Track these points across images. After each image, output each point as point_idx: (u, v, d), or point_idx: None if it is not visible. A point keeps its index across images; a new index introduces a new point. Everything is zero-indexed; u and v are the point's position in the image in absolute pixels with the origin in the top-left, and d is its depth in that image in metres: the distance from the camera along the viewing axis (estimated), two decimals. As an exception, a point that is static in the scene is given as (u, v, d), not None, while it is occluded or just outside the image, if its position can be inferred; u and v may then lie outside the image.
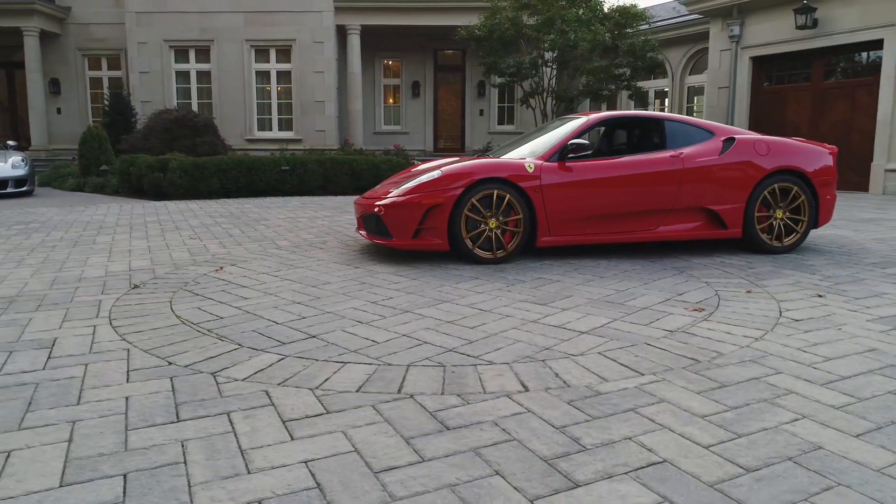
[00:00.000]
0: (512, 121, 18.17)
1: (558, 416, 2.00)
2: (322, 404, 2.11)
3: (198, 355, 2.60)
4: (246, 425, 1.95)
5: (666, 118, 5.04)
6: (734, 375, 2.33)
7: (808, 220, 4.89)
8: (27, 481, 1.63)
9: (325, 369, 2.44)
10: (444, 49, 18.00)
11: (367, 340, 2.79)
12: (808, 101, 11.69)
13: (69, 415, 2.03)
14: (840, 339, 2.77)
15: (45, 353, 2.62)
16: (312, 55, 15.88)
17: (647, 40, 12.05)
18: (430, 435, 1.88)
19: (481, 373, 2.39)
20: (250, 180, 10.47)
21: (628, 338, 2.80)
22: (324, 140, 16.10)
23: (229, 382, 2.31)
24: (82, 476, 1.65)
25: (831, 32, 10.92)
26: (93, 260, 4.76)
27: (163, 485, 1.61)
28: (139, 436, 1.88)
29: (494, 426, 1.94)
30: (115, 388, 2.25)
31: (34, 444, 1.83)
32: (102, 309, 3.33)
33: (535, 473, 1.65)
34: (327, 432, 1.90)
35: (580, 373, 2.38)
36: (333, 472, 1.67)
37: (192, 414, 2.03)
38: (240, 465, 1.70)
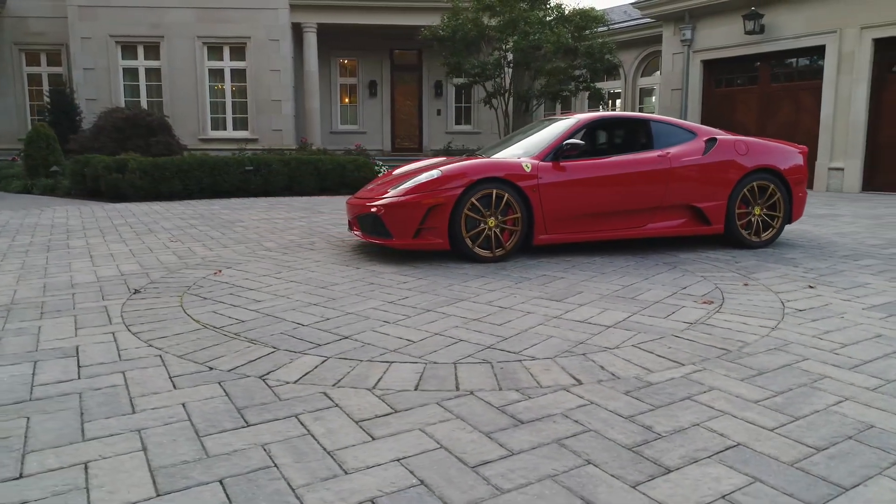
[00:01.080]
0: (469, 121, 18.32)
1: (622, 407, 2.08)
2: (386, 404, 2.12)
3: (236, 359, 2.55)
4: (319, 427, 1.95)
5: (651, 119, 5.23)
6: (767, 363, 2.47)
7: (782, 216, 5.18)
8: (120, 492, 1.58)
9: (373, 370, 2.44)
10: (401, 49, 17.98)
11: (402, 340, 2.80)
12: (755, 103, 12.28)
13: (130, 423, 1.97)
14: (846, 326, 2.96)
15: (73, 362, 2.52)
16: (268, 53, 15.57)
17: (605, 43, 12.38)
18: (508, 429, 1.92)
19: (529, 368, 2.45)
20: (213, 181, 10.20)
21: (653, 330, 2.92)
22: (281, 140, 15.82)
23: (282, 385, 2.29)
24: (177, 484, 1.62)
25: (777, 38, 11.51)
26: (77, 265, 4.57)
27: (264, 489, 1.60)
28: (215, 442, 1.85)
29: (566, 418, 2.00)
30: (165, 396, 2.19)
31: (108, 454, 1.78)
32: (111, 315, 3.22)
33: (625, 461, 1.72)
34: (405, 431, 1.92)
35: (623, 365, 2.47)
36: (430, 468, 1.69)
37: (259, 418, 2.01)
38: (333, 467, 1.70)
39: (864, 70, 10.51)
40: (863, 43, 10.47)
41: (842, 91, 10.81)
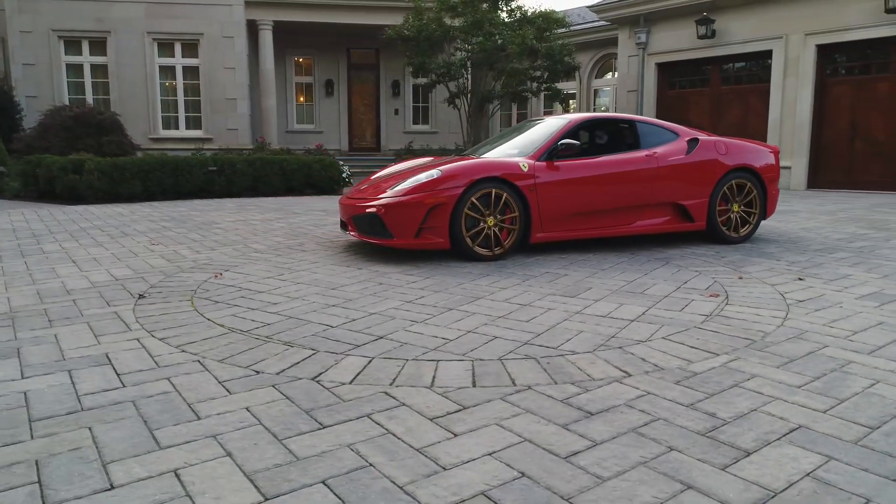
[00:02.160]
0: (427, 121, 18.36)
1: (679, 396, 2.17)
2: (451, 401, 2.15)
3: (280, 362, 2.53)
4: (397, 426, 1.96)
5: (637, 120, 5.41)
6: (793, 351, 2.63)
7: (759, 212, 5.45)
8: (225, 497, 1.56)
9: (422, 368, 2.47)
10: (358, 48, 17.85)
11: (437, 339, 2.83)
12: (707, 105, 12.80)
13: (202, 430, 1.93)
14: (848, 315, 3.17)
15: (109, 370, 2.44)
16: (222, 50, 15.18)
17: (565, 45, 12.65)
18: (581, 421, 1.99)
19: (574, 362, 2.52)
20: (175, 182, 9.90)
21: (675, 323, 3.04)
22: (237, 139, 15.45)
23: (339, 387, 2.28)
24: (281, 487, 1.61)
25: (728, 43, 12.04)
26: (63, 270, 4.37)
27: (371, 488, 1.61)
28: (298, 444, 1.84)
29: (631, 408, 2.08)
30: (223, 401, 2.15)
31: (193, 461, 1.75)
32: (126, 320, 3.11)
33: (705, 446, 1.81)
34: (483, 426, 1.96)
35: (662, 357, 2.58)
36: (524, 461, 1.74)
37: (332, 419, 2.01)
38: (429, 463, 1.73)
39: (808, 74, 11.13)
40: (807, 48, 11.08)
41: (788, 94, 11.41)
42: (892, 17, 10.03)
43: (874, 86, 10.67)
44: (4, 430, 1.93)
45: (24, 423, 1.98)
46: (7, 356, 2.60)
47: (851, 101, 10.95)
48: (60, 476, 1.67)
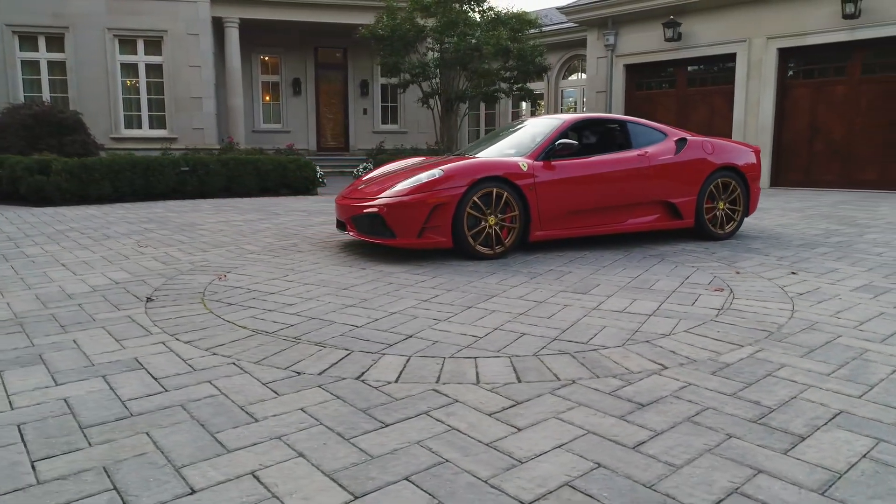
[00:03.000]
0: (396, 120, 18.32)
1: (719, 386, 2.26)
2: (503, 396, 2.19)
3: (318, 363, 2.52)
4: (458, 422, 1.99)
5: (628, 120, 5.54)
6: (811, 341, 2.75)
7: (742, 209, 5.65)
8: (314, 498, 1.56)
9: (463, 366, 2.49)
10: (326, 47, 17.70)
11: (467, 336, 2.86)
12: (673, 106, 13.16)
13: (264, 431, 1.92)
14: (848, 307, 3.33)
15: (145, 375, 2.39)
16: (187, 48, 14.84)
17: (536, 45, 12.81)
18: (635, 412, 2.05)
19: (608, 356, 2.59)
20: (147, 183, 9.64)
21: (691, 317, 3.15)
22: (202, 139, 15.14)
23: (386, 386, 2.29)
24: (366, 486, 1.62)
25: (694, 45, 12.40)
26: (55, 274, 4.23)
27: (456, 483, 1.63)
28: (368, 443, 1.85)
29: (678, 399, 2.15)
30: (275, 403, 2.14)
31: (267, 462, 1.73)
32: (142, 324, 3.04)
33: (760, 432, 1.89)
34: (543, 420, 2.00)
35: (690, 349, 2.67)
36: (596, 452, 1.78)
37: (392, 418, 2.02)
38: (505, 458, 1.76)
39: (770, 77, 11.56)
40: (769, 52, 11.51)
41: (751, 95, 11.82)
42: (848, 23, 10.51)
43: (832, 88, 11.16)
44: (58, 437, 1.88)
45: (75, 431, 1.93)
46: (31, 363, 2.51)
47: (811, 103, 11.42)
48: (135, 482, 1.64)
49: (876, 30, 10.34)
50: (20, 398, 2.16)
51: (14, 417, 2.01)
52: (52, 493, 1.59)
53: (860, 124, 10.92)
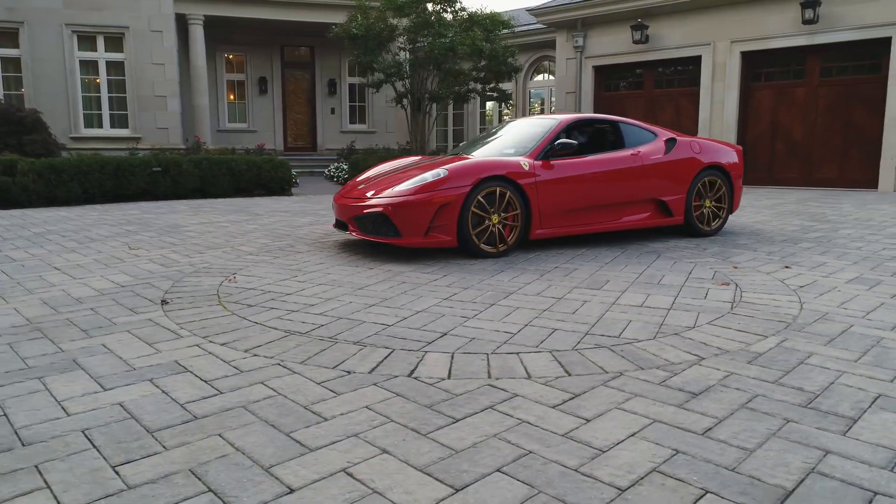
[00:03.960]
0: (364, 120, 18.21)
1: (760, 374, 2.37)
2: (560, 389, 2.24)
3: (364, 362, 2.52)
4: (526, 415, 2.03)
5: (620, 121, 5.68)
6: (828, 330, 2.90)
7: (727, 207, 5.87)
8: (415, 492, 1.59)
9: (508, 361, 2.54)
10: (292, 45, 17.47)
11: (500, 333, 2.91)
12: (641, 106, 13.49)
13: (339, 430, 1.92)
14: (849, 298, 3.51)
15: (193, 378, 2.35)
16: (150, 45, 14.42)
17: (508, 46, 12.95)
18: (691, 400, 2.13)
19: (644, 349, 2.67)
20: (117, 184, 9.36)
21: (708, 310, 3.27)
22: (167, 138, 14.74)
23: (440, 382, 2.32)
24: (463, 478, 1.65)
25: (661, 48, 12.74)
26: (53, 278, 4.09)
27: (546, 473, 1.67)
28: (447, 437, 1.87)
29: (726, 387, 2.25)
30: (337, 402, 2.14)
31: (356, 459, 1.75)
32: (167, 327, 2.98)
33: (814, 416, 2.00)
34: (606, 410, 2.06)
35: (720, 341, 2.78)
36: (669, 439, 1.86)
37: (459, 413, 2.05)
38: (586, 448, 1.81)
39: (734, 78, 11.97)
40: (733, 55, 11.92)
41: (716, 97, 12.22)
42: (808, 28, 10.98)
43: (792, 91, 11.63)
44: (130, 442, 1.85)
45: (144, 435, 1.89)
46: (68, 368, 2.45)
47: (772, 104, 11.88)
48: (228, 483, 1.63)
49: (833, 35, 10.83)
50: (73, 404, 2.11)
51: (75, 423, 1.97)
52: (147, 496, 1.57)
53: (819, 125, 11.42)
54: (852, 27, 10.61)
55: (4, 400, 2.14)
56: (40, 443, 1.84)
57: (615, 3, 12.86)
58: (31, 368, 2.45)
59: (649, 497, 1.55)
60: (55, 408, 2.08)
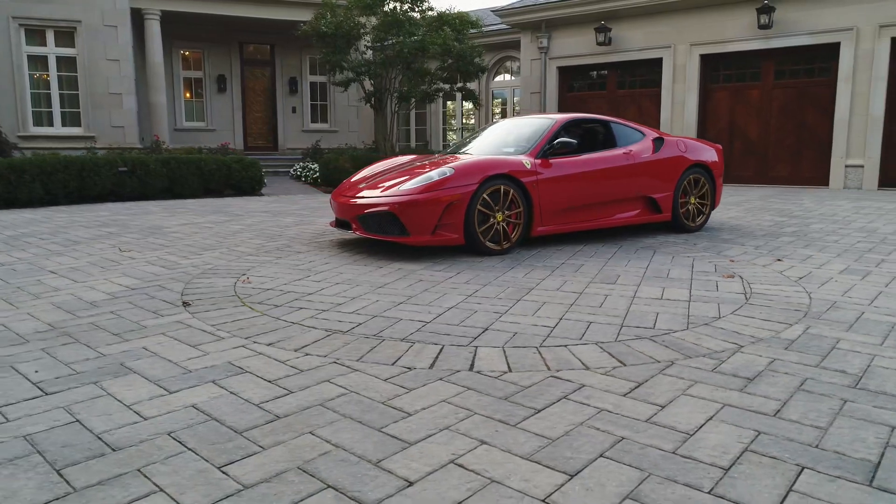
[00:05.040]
0: (326, 119, 18.01)
1: (801, 359, 2.51)
2: (621, 378, 2.32)
3: (419, 358, 2.55)
4: (602, 403, 2.10)
5: (611, 120, 5.84)
6: (844, 317, 3.08)
7: (710, 203, 6.11)
8: (532, 479, 1.63)
9: (561, 353, 2.61)
10: (252, 42, 17.11)
11: (539, 327, 2.98)
12: (604, 107, 13.82)
13: (428, 424, 1.95)
14: (849, 287, 3.74)
15: (256, 379, 2.33)
16: (104, 40, 13.88)
17: (475, 46, 13.06)
18: (749, 385, 2.25)
19: (683, 339, 2.79)
20: (81, 184, 9.00)
21: (727, 301, 3.42)
22: (123, 137, 14.21)
23: (504, 375, 2.37)
24: (572, 465, 1.70)
25: (624, 50, 13.09)
26: (55, 283, 3.93)
27: (647, 457, 1.74)
28: (537, 427, 1.92)
29: (775, 372, 2.37)
30: (412, 397, 2.16)
31: (460, 451, 1.78)
32: (203, 329, 2.92)
33: (865, 395, 2.14)
34: (675, 397, 2.15)
35: (749, 329, 2.92)
36: (745, 420, 1.96)
37: (538, 404, 2.10)
38: (672, 433, 1.89)
39: (694, 80, 12.42)
40: (692, 57, 12.37)
41: (677, 97, 12.65)
42: (763, 33, 11.49)
43: (748, 92, 12.16)
44: (224, 442, 1.82)
45: (234, 435, 1.87)
46: (120, 373, 2.38)
47: (730, 105, 12.39)
48: (344, 478, 1.63)
49: (786, 39, 11.38)
50: (145, 408, 2.06)
51: (157, 427, 1.93)
52: (268, 495, 1.56)
53: (773, 125, 11.97)
54: (805, 32, 11.17)
55: (70, 406, 2.08)
56: (131, 447, 1.80)
57: (579, 6, 13.14)
58: (81, 374, 2.37)
59: (753, 474, 1.65)
60: (127, 412, 2.03)
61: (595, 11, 13.00)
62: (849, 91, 10.91)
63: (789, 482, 1.61)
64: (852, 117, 10.95)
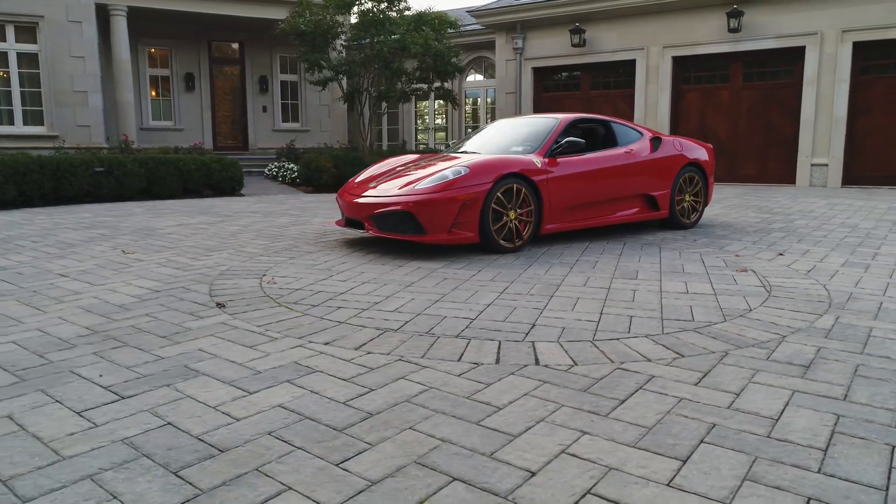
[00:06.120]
0: (297, 118, 17.78)
1: (845, 347, 2.64)
2: (684, 369, 2.40)
3: (482, 354, 2.58)
4: (679, 392, 2.17)
5: (611, 120, 5.97)
6: (866, 307, 3.25)
7: (703, 201, 6.31)
8: (648, 465, 1.69)
9: (616, 347, 2.68)
10: (220, 40, 16.78)
11: (584, 321, 3.05)
12: (579, 107, 14.06)
13: (523, 417, 1.99)
14: (857, 279, 3.93)
15: (330, 378, 2.33)
16: (68, 36, 13.40)
17: (453, 46, 13.12)
18: (808, 372, 2.36)
19: (727, 330, 2.89)
20: (57, 185, 8.69)
21: (752, 295, 3.56)
22: (89, 137, 13.75)
23: (572, 368, 2.42)
24: (679, 450, 1.76)
25: (598, 51, 13.35)
26: (71, 286, 3.81)
27: (746, 441, 1.82)
28: (630, 416, 1.98)
29: (825, 360, 2.49)
30: (494, 391, 2.20)
31: (566, 441, 1.82)
32: (253, 330, 2.89)
33: (919, 380, 2.28)
34: (745, 385, 2.24)
35: (784, 320, 3.05)
36: (821, 406, 2.06)
37: (619, 394, 2.16)
38: (759, 418, 1.98)
39: (666, 81, 12.75)
40: (665, 59, 12.70)
41: (650, 98, 12.97)
42: (732, 36, 11.88)
43: (718, 93, 12.55)
44: (330, 441, 1.82)
45: (336, 434, 1.87)
46: (188, 375, 2.34)
47: (701, 106, 12.77)
48: (466, 471, 1.66)
49: (754, 43, 11.79)
50: (233, 409, 2.04)
51: (254, 427, 1.91)
52: (399, 489, 1.58)
53: (742, 126, 12.39)
54: (772, 36, 11.60)
55: (154, 408, 2.04)
56: (237, 448, 1.78)
57: (554, 8, 13.34)
58: (148, 376, 2.32)
59: (850, 454, 1.74)
60: (216, 414, 2.01)
61: (570, 13, 13.22)
62: (814, 93, 11.38)
63: (887, 460, 1.71)
64: (817, 118, 11.43)
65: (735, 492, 1.56)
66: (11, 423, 1.94)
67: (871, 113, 11.20)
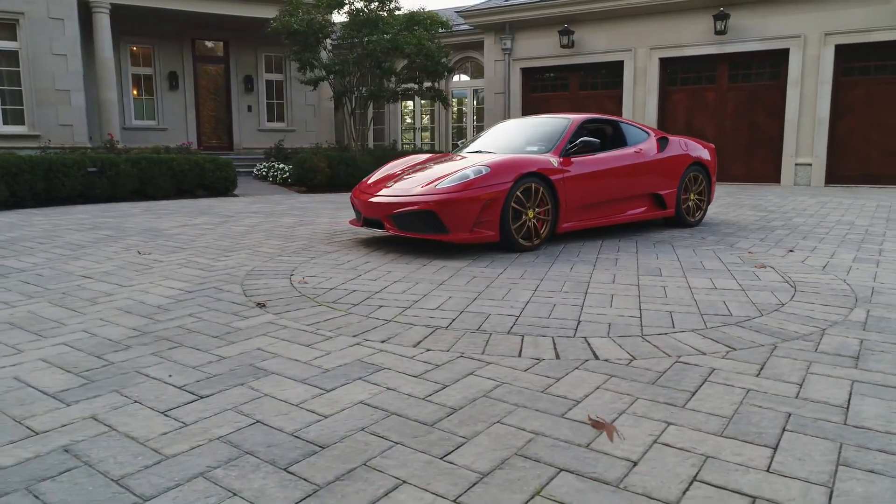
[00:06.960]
0: (283, 118, 17.65)
1: (884, 338, 2.74)
2: (741, 361, 2.48)
3: (539, 350, 2.63)
4: (745, 384, 2.24)
5: (620, 121, 6.07)
6: (893, 301, 3.37)
7: (707, 200, 6.45)
8: (742, 453, 1.75)
9: (667, 341, 2.75)
10: (204, 39, 16.58)
11: (626, 318, 3.11)
12: (567, 107, 14.21)
13: (604, 409, 2.04)
14: (873, 274, 4.06)
15: (398, 375, 2.35)
16: (49, 34, 13.12)
17: (442, 46, 13.16)
18: (860, 362, 2.45)
19: (767, 324, 2.98)
20: (49, 186, 8.52)
21: (779, 290, 3.66)
22: (72, 136, 13.49)
23: (633, 362, 2.48)
24: (764, 439, 1.83)
25: (586, 52, 13.50)
26: (99, 287, 3.76)
27: (825, 429, 1.90)
28: (706, 407, 2.04)
29: (872, 351, 2.59)
30: (567, 385, 2.24)
31: (651, 432, 1.87)
32: (304, 329, 2.89)
33: (966, 368, 2.39)
34: (804, 375, 2.32)
35: (819, 314, 3.15)
36: (884, 394, 2.14)
37: (688, 387, 2.22)
38: (829, 406, 2.05)
39: (654, 82, 12.96)
40: (652, 61, 12.90)
41: (638, 99, 13.17)
42: (718, 38, 12.13)
43: (705, 94, 12.80)
44: (424, 435, 1.85)
45: (428, 429, 1.90)
46: (259, 374, 2.34)
47: (687, 106, 13.01)
48: (570, 461, 1.70)
49: (740, 45, 12.05)
50: (317, 406, 2.05)
51: (343, 424, 1.93)
52: (512, 480, 1.61)
53: (728, 126, 12.66)
54: (757, 38, 11.87)
55: (237, 407, 2.04)
56: (337, 444, 1.80)
57: (542, 9, 13.46)
58: (218, 376, 2.32)
59: (928, 439, 1.83)
60: (301, 411, 2.02)
61: (558, 14, 13.35)
62: (797, 94, 11.68)
63: (965, 444, 1.80)
64: (801, 119, 11.73)
65: (834, 475, 1.63)
66: (98, 423, 1.93)
67: (852, 113, 11.53)
